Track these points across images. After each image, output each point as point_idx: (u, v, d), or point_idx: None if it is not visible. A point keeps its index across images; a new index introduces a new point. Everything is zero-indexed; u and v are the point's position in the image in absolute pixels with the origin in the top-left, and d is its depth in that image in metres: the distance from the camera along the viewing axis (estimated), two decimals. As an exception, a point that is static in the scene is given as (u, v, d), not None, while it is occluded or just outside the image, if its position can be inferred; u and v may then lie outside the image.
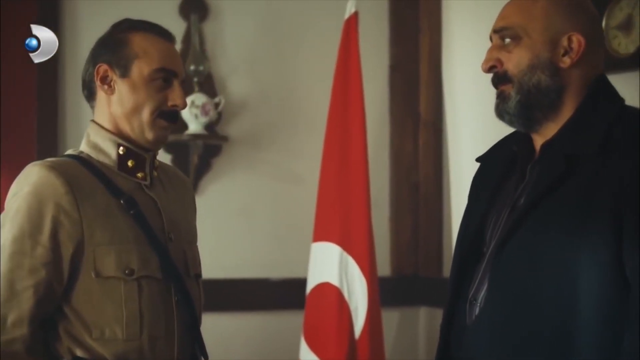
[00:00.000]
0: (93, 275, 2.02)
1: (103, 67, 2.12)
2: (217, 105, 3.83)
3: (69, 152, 2.17)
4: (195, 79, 3.81)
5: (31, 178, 2.03)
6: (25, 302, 1.98)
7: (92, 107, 2.18)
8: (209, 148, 3.87)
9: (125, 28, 2.15)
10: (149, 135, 2.11)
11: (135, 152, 2.14)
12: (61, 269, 2.01)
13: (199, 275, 2.27)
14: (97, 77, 2.12)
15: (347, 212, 3.72)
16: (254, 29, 4.00)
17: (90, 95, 2.16)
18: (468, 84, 3.82)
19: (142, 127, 2.11)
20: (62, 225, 2.00)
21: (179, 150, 3.85)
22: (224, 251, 3.87)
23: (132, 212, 2.08)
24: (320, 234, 3.76)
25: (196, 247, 2.31)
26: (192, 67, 3.79)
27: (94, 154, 2.14)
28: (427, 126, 4.12)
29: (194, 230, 2.33)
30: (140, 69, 2.10)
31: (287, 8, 4.03)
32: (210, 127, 3.85)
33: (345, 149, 3.76)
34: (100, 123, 2.15)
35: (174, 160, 3.82)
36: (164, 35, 2.17)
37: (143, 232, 2.08)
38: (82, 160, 2.12)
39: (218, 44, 3.95)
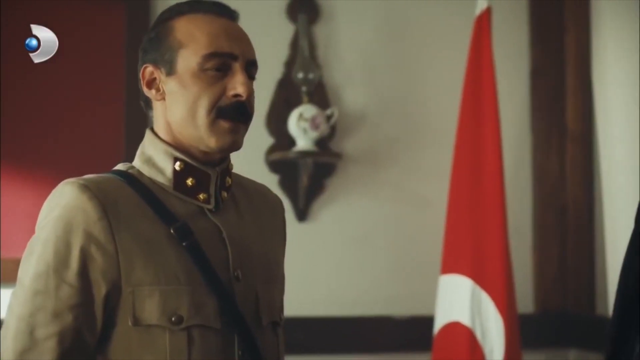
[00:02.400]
0: (130, 323, 1.71)
1: (148, 69, 1.83)
2: (329, 117, 3.68)
3: (119, 166, 1.88)
4: (304, 89, 3.66)
5: (62, 199, 1.74)
6: (48, 353, 1.69)
7: (152, 117, 1.91)
8: (321, 167, 3.73)
9: (169, 15, 1.85)
10: (210, 141, 1.78)
11: (197, 168, 1.82)
12: (93, 314, 1.71)
13: (276, 323, 1.91)
14: (143, 82, 1.84)
15: (481, 240, 3.53)
16: (371, 31, 3.84)
17: (147, 105, 1.89)
18: (624, 90, 3.54)
19: (199, 132, 1.79)
20: (92, 260, 1.70)
21: (286, 169, 3.71)
22: (340, 285, 3.76)
23: (184, 243, 1.76)
24: (449, 266, 3.56)
25: (278, 287, 1.96)
26: (300, 75, 3.65)
27: (145, 170, 1.84)
28: (575, 140, 3.94)
29: (278, 266, 1.99)
30: (186, 60, 1.79)
31: (409, 6, 3.88)
32: (322, 143, 3.70)
33: (478, 167, 3.57)
34: (157, 132, 1.86)
35: (281, 182, 3.70)
36: (219, 11, 1.83)
37: (198, 269, 1.76)
38: (130, 177, 1.82)
39: (331, 49, 3.81)
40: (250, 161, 3.55)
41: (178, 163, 1.81)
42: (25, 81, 3.46)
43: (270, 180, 3.55)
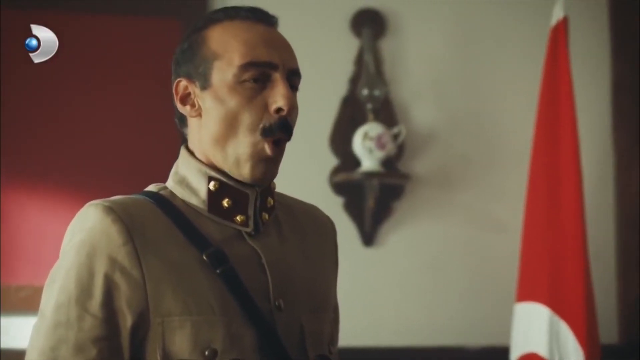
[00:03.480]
0: (159, 358, 1.60)
1: (182, 83, 1.72)
2: (396, 136, 3.64)
3: (150, 187, 1.77)
4: (370, 106, 3.62)
5: (85, 222, 1.64)
6: None
7: (186, 135, 1.80)
8: (388, 189, 3.67)
9: (203, 24, 1.74)
10: (245, 167, 1.68)
11: (233, 188, 1.70)
12: (118, 347, 1.61)
13: (325, 357, 1.77)
14: (176, 97, 1.73)
15: (559, 265, 3.46)
16: (440, 44, 3.81)
17: (182, 122, 1.78)
18: None
19: (237, 151, 1.67)
20: (117, 288, 1.60)
21: (352, 192, 3.66)
22: (409, 314, 3.71)
23: (219, 270, 1.64)
24: (525, 293, 3.51)
25: (327, 317, 1.82)
26: (365, 92, 3.61)
27: (178, 191, 1.72)
28: (662, 158, 3.83)
29: (327, 293, 1.86)
30: (221, 72, 1.67)
31: (480, 18, 3.84)
32: (388, 163, 3.66)
33: (555, 188, 3.51)
34: (192, 150, 1.75)
35: (346, 205, 3.65)
36: (256, 17, 1.71)
37: (234, 299, 1.64)
38: (160, 199, 1.71)
39: (397, 64, 3.76)
40: (314, 183, 3.55)
41: (213, 183, 1.69)
42: (69, 101, 3.48)
43: (334, 203, 3.53)
